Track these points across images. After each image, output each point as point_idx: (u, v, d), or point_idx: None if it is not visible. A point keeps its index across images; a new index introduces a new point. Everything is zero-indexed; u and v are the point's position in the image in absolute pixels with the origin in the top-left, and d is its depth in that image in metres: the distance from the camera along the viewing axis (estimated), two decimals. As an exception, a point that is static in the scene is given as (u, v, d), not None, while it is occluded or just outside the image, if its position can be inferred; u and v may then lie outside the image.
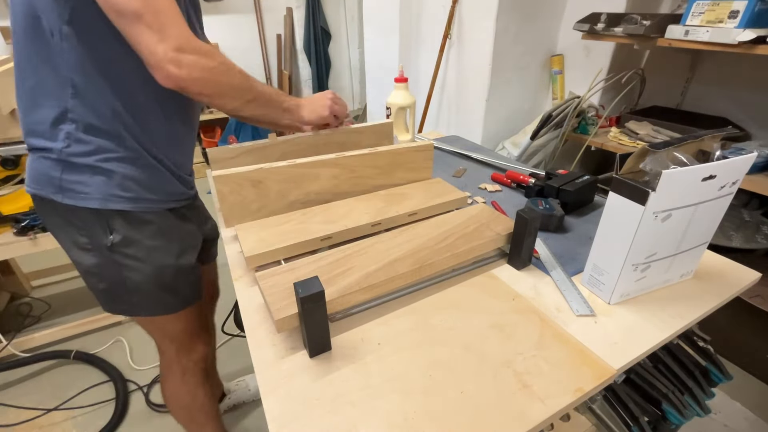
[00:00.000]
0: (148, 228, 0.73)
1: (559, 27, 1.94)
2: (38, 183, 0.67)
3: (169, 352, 0.90)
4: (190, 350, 0.92)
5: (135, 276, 0.74)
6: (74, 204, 0.66)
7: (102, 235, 0.69)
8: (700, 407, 0.63)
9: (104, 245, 0.70)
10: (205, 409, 1.02)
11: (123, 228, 0.70)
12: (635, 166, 0.55)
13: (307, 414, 0.45)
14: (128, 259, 0.72)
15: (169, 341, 0.89)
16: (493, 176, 1.02)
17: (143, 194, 0.70)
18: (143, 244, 0.72)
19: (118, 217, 0.69)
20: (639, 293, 0.62)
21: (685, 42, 1.31)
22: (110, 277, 0.73)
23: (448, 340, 0.54)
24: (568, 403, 0.46)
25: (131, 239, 0.71)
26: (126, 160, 0.67)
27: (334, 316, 0.58)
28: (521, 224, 0.64)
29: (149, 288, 0.76)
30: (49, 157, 0.65)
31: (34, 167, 0.67)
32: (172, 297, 0.80)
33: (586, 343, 0.53)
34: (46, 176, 0.66)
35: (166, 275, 0.77)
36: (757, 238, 1.37)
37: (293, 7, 3.43)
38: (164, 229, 0.75)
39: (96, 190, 0.66)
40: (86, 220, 0.68)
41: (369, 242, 0.66)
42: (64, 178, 0.65)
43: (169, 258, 0.76)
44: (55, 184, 0.66)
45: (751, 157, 0.53)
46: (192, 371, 0.94)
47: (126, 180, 0.68)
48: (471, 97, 1.99)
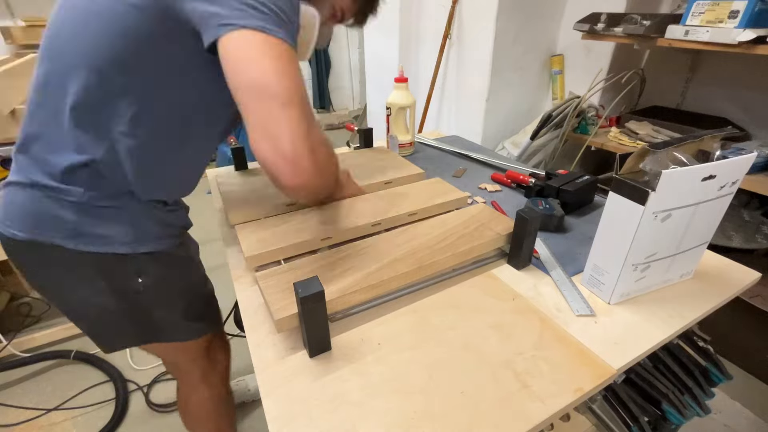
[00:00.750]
0: (175, 263, 0.71)
1: (559, 27, 1.94)
2: (39, 227, 0.58)
3: (195, 373, 0.87)
4: (215, 363, 0.90)
5: (164, 314, 0.72)
6: (95, 251, 0.60)
7: (127, 280, 0.64)
8: (700, 407, 0.63)
9: (130, 290, 0.65)
10: (230, 414, 1.01)
11: (153, 269, 0.66)
12: (635, 166, 0.55)
13: (307, 414, 0.45)
14: (157, 299, 0.69)
15: (194, 362, 0.86)
16: (493, 176, 1.02)
17: (166, 231, 0.68)
18: (173, 282, 0.71)
19: (146, 259, 0.65)
20: (639, 293, 0.62)
21: (685, 42, 1.31)
22: (135, 317, 0.69)
23: (448, 340, 0.54)
24: (568, 403, 0.46)
25: (162, 279, 0.68)
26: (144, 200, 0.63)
27: (334, 316, 0.58)
28: (521, 224, 0.64)
29: (179, 321, 0.74)
30: (62, 200, 0.57)
31: (33, 209, 0.58)
32: (202, 323, 0.80)
33: (586, 343, 0.53)
34: (52, 220, 0.58)
35: (195, 307, 0.76)
36: (757, 238, 1.37)
37: (293, 7, 3.42)
38: (186, 259, 0.74)
39: (122, 234, 0.61)
40: (105, 266, 0.62)
41: (369, 242, 0.66)
42: (82, 221, 0.58)
43: (197, 288, 0.76)
44: (68, 228, 0.58)
45: (751, 157, 0.53)
46: (218, 385, 0.92)
47: (150, 218, 0.64)
48: (471, 97, 1.99)
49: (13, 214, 0.59)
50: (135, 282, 0.65)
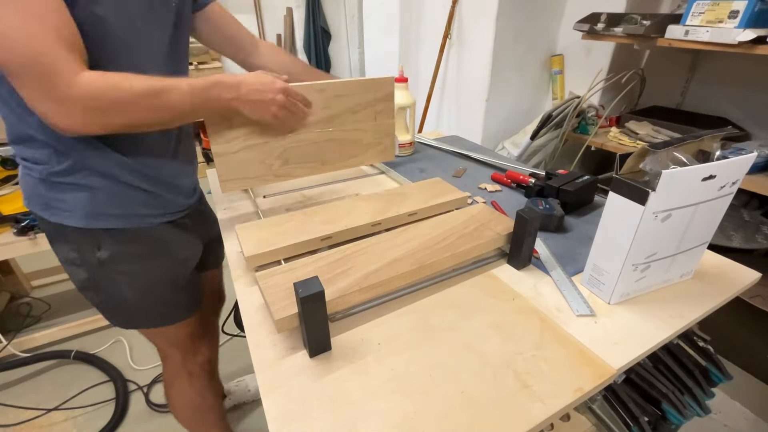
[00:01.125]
0: (140, 244, 0.71)
1: (559, 27, 1.94)
2: (28, 199, 0.66)
3: (174, 357, 0.89)
4: (196, 353, 0.91)
5: (130, 291, 0.72)
6: (60, 222, 0.65)
7: (90, 252, 0.68)
8: (700, 407, 0.63)
9: (94, 261, 0.68)
10: (215, 410, 1.02)
11: (111, 245, 0.68)
12: (635, 166, 0.55)
13: (307, 414, 0.45)
14: (121, 275, 0.70)
15: (173, 347, 0.88)
16: (493, 176, 1.02)
17: (133, 210, 0.68)
18: (136, 261, 0.71)
19: (104, 235, 0.67)
20: (639, 293, 0.62)
21: (685, 42, 1.31)
22: (105, 291, 0.72)
23: (448, 340, 0.54)
24: (568, 403, 0.46)
25: (121, 256, 0.69)
26: (109, 176, 0.64)
27: (334, 316, 0.58)
28: (521, 224, 0.64)
29: (147, 302, 0.75)
30: (32, 176, 0.63)
31: (23, 182, 0.65)
32: (171, 309, 0.80)
33: (586, 343, 0.53)
34: (34, 193, 0.64)
35: (163, 290, 0.76)
36: (757, 238, 1.37)
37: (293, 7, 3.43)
38: (160, 244, 0.73)
39: (79, 208, 0.64)
40: (73, 236, 0.66)
41: (369, 242, 0.66)
42: (50, 195, 0.63)
43: (166, 273, 0.75)
44: (42, 201, 0.64)
45: (751, 157, 0.53)
46: (198, 374, 0.93)
47: (111, 197, 0.65)
48: (471, 97, 1.99)
49: (21, 189, 0.67)
50: (95, 254, 0.67)
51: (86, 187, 0.63)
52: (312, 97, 0.78)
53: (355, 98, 0.83)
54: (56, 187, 0.63)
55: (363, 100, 0.85)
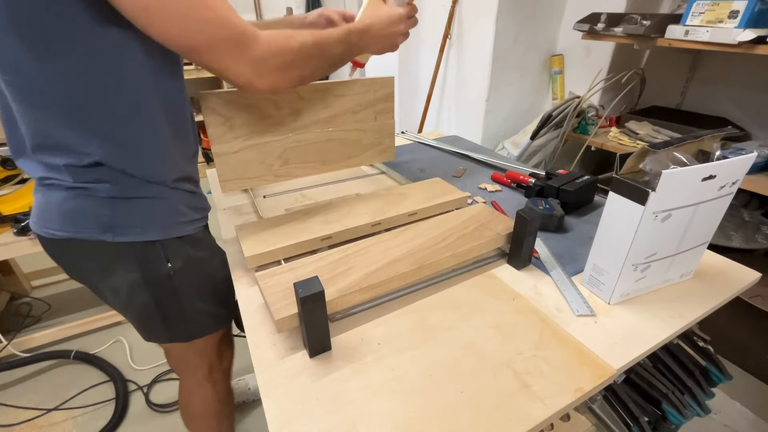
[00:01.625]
0: (201, 247, 0.71)
1: (559, 27, 1.94)
2: (77, 225, 0.59)
3: (202, 369, 0.86)
4: (221, 359, 0.89)
5: (194, 300, 0.72)
6: (128, 241, 0.61)
7: (159, 267, 0.65)
8: (700, 407, 0.63)
9: (162, 277, 0.66)
10: (231, 415, 1.00)
11: (181, 253, 0.67)
12: (635, 166, 0.55)
13: (307, 414, 0.45)
14: (186, 286, 0.69)
15: (204, 357, 0.84)
16: (493, 176, 1.02)
17: (191, 214, 0.68)
18: (201, 265, 0.71)
19: (175, 244, 0.65)
20: (639, 293, 0.62)
21: (685, 42, 1.31)
22: (168, 308, 0.70)
23: (448, 340, 0.54)
24: (568, 403, 0.46)
25: (190, 262, 0.68)
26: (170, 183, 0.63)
27: (334, 316, 0.58)
28: (521, 224, 0.64)
29: (208, 307, 0.74)
30: (93, 196, 0.58)
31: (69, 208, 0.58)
32: (224, 308, 0.79)
33: (586, 343, 0.53)
34: (89, 216, 0.59)
35: (221, 288, 0.75)
36: (757, 238, 1.37)
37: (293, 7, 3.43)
38: (212, 244, 0.75)
39: (154, 221, 0.62)
40: (141, 254, 0.63)
41: (369, 242, 0.66)
42: (118, 214, 0.59)
43: (221, 270, 0.74)
44: (104, 222, 0.59)
45: (751, 157, 0.53)
46: (222, 381, 0.91)
47: (177, 203, 0.65)
48: (471, 97, 1.99)
49: (50, 215, 0.60)
50: (165, 267, 0.65)
51: (157, 198, 0.62)
52: (312, 97, 0.78)
53: (355, 98, 0.83)
54: (127, 204, 0.60)
55: (363, 100, 0.85)
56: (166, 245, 0.65)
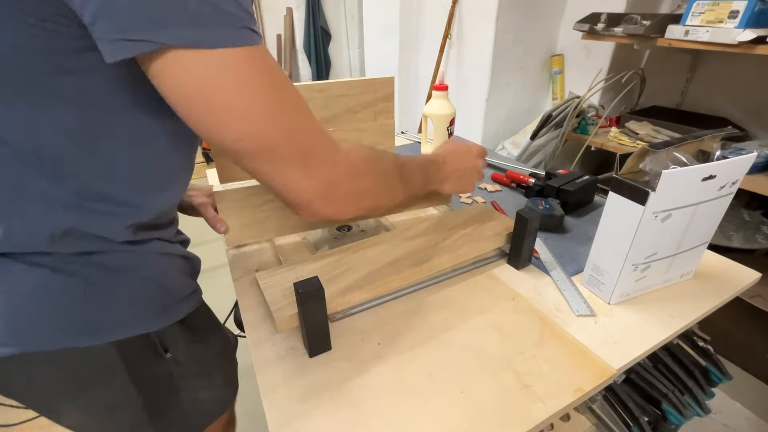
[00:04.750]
0: (202, 323, 0.56)
1: (559, 27, 1.94)
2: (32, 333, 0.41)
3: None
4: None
5: (198, 390, 0.56)
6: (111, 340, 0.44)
7: (152, 362, 0.49)
8: (700, 407, 0.63)
9: (160, 373, 0.50)
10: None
11: (180, 338, 0.51)
12: (635, 166, 0.55)
13: (307, 414, 0.45)
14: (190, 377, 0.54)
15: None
16: (493, 176, 1.02)
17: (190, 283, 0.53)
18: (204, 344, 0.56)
19: (173, 329, 0.50)
20: (639, 293, 0.62)
21: (685, 42, 1.31)
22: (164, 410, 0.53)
23: (448, 340, 0.54)
24: (568, 403, 0.46)
25: (193, 346, 0.53)
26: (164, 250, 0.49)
27: (334, 316, 0.58)
28: (521, 224, 0.64)
29: (213, 393, 0.60)
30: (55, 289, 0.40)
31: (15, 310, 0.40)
32: (232, 387, 0.64)
33: (586, 343, 0.53)
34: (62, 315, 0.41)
35: (229, 366, 0.62)
36: (757, 238, 1.37)
37: (293, 7, 3.43)
38: (211, 315, 0.60)
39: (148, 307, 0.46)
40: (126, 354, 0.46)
41: (369, 242, 0.66)
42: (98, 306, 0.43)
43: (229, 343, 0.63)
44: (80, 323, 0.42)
45: (751, 157, 0.53)
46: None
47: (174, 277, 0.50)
48: (471, 97, 1.99)
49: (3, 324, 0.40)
50: (161, 361, 0.50)
51: (150, 275, 0.47)
52: (312, 97, 0.78)
53: (355, 98, 0.83)
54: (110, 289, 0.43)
55: (363, 100, 0.85)
56: (163, 333, 0.49)
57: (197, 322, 0.54)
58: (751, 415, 1.27)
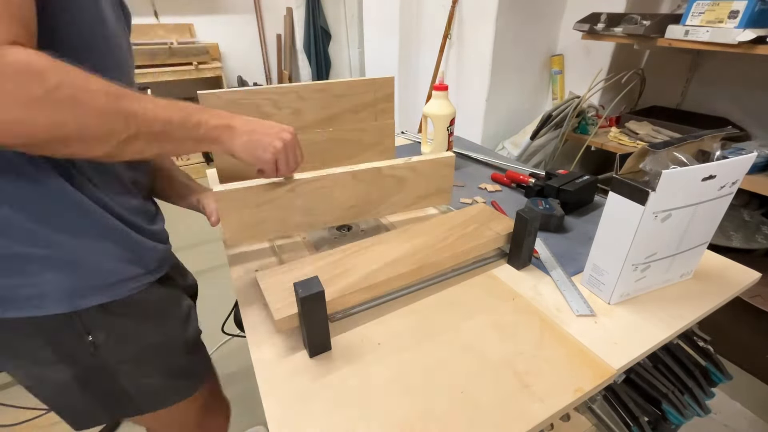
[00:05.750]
0: (137, 313, 0.56)
1: (559, 27, 1.94)
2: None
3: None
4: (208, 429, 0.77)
5: (134, 377, 0.58)
6: (24, 316, 0.47)
7: (76, 341, 0.51)
8: (700, 407, 0.63)
9: (83, 352, 0.52)
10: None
11: (104, 324, 0.52)
12: (635, 166, 0.55)
13: (307, 414, 0.45)
14: (121, 362, 0.56)
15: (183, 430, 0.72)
16: (493, 176, 1.02)
17: (120, 273, 0.52)
18: (136, 334, 0.57)
19: (94, 313, 0.51)
20: (639, 293, 0.62)
21: (685, 42, 1.31)
22: (97, 387, 0.57)
23: (448, 340, 0.54)
24: (568, 403, 0.46)
25: (120, 333, 0.54)
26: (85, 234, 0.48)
27: (334, 316, 0.58)
28: (521, 224, 0.64)
29: (157, 383, 0.61)
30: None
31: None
32: (186, 379, 0.66)
33: (586, 343, 0.53)
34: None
35: (174, 360, 0.63)
36: (757, 238, 1.37)
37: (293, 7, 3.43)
38: (157, 306, 0.60)
39: (57, 289, 0.48)
40: (47, 329, 0.50)
41: (369, 242, 0.66)
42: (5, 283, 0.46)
43: (174, 339, 0.62)
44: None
45: (751, 157, 0.53)
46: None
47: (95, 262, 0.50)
48: (471, 97, 1.99)
49: None
50: (85, 342, 0.52)
51: (62, 257, 0.47)
52: (312, 97, 0.78)
53: (355, 98, 0.83)
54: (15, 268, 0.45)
55: (363, 100, 0.85)
56: (81, 316, 0.51)
57: (128, 310, 0.55)
58: (751, 415, 1.27)
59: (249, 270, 0.68)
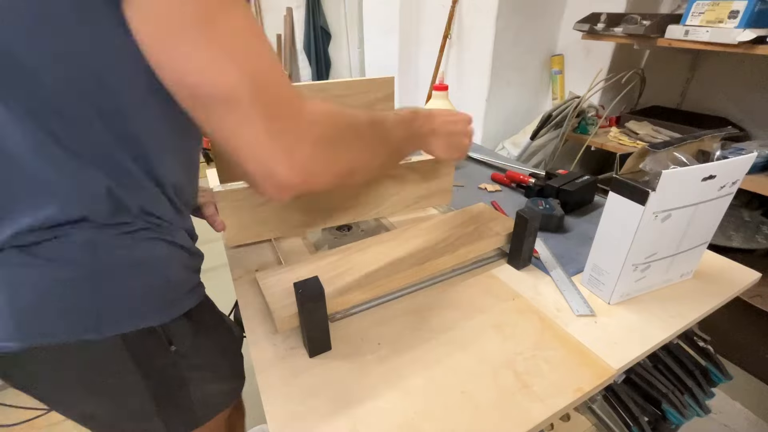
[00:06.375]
0: (205, 317, 0.55)
1: (559, 27, 1.94)
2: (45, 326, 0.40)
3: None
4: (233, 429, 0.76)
5: (205, 383, 0.56)
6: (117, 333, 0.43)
7: (159, 354, 0.48)
8: (700, 407, 0.63)
9: (162, 365, 0.50)
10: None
11: (186, 331, 0.50)
12: (635, 166, 0.55)
13: (307, 414, 0.45)
14: (196, 369, 0.53)
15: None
16: (493, 176, 1.02)
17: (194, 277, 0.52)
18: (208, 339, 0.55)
19: (178, 322, 0.49)
20: (639, 293, 0.62)
21: (685, 42, 1.31)
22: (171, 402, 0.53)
23: (448, 340, 0.54)
24: (568, 403, 0.46)
25: (198, 339, 0.52)
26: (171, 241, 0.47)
27: (334, 316, 0.58)
28: (521, 224, 0.64)
29: (221, 386, 0.60)
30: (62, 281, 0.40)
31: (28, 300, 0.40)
32: (238, 380, 0.64)
33: (586, 343, 0.53)
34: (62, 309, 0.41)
35: (234, 361, 0.62)
36: (757, 238, 1.37)
37: (293, 7, 3.43)
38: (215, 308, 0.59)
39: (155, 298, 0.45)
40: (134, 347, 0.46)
41: (369, 242, 0.66)
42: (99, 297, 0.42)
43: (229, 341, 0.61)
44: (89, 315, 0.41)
45: (751, 157, 0.53)
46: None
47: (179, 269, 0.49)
48: (471, 97, 1.99)
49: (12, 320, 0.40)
50: (166, 353, 0.49)
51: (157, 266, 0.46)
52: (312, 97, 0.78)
53: (355, 98, 0.83)
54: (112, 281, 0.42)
55: (363, 100, 0.85)
56: (168, 326, 0.48)
57: (201, 316, 0.53)
58: (751, 415, 1.27)
59: (249, 270, 0.68)
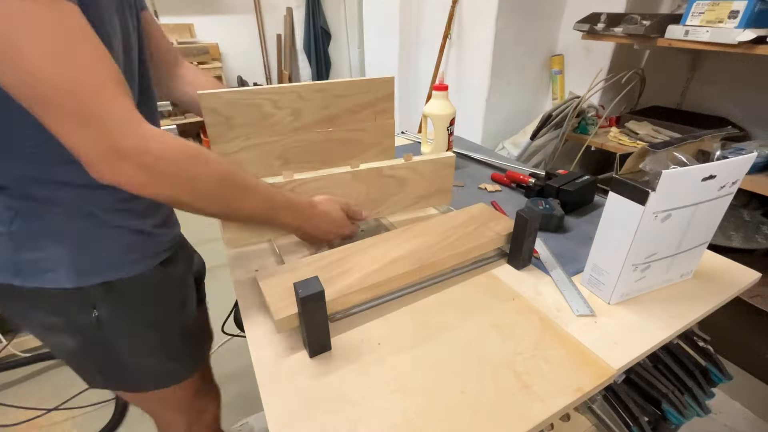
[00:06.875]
0: (139, 292, 0.61)
1: (559, 27, 1.94)
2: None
3: (178, 425, 0.78)
4: (202, 412, 0.81)
5: (132, 351, 0.63)
6: (38, 287, 0.53)
7: (81, 314, 0.57)
8: (700, 407, 0.63)
9: (87, 324, 0.57)
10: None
11: (109, 301, 0.57)
12: (635, 166, 0.55)
13: (307, 414, 0.45)
14: (120, 336, 0.61)
15: (177, 413, 0.76)
16: (493, 176, 1.02)
17: (126, 255, 0.58)
18: (137, 314, 0.62)
19: (100, 290, 0.56)
20: (639, 293, 0.62)
21: (685, 42, 1.31)
22: (99, 355, 0.62)
23: (448, 340, 0.54)
24: (568, 403, 0.46)
25: (122, 311, 0.59)
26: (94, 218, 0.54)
27: (334, 316, 0.58)
28: (521, 224, 0.64)
29: (153, 361, 0.66)
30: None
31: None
32: (180, 363, 0.70)
33: (586, 343, 0.53)
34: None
35: (170, 340, 0.67)
36: (757, 238, 1.37)
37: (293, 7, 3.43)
38: (158, 287, 0.64)
39: (66, 264, 0.53)
40: (57, 300, 0.55)
41: (369, 242, 0.66)
42: (21, 256, 0.52)
43: (170, 319, 0.66)
44: (9, 265, 0.52)
45: (751, 157, 0.53)
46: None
47: (100, 242, 0.55)
48: (471, 97, 1.99)
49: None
50: (90, 316, 0.57)
51: (70, 237, 0.53)
52: (312, 97, 0.78)
53: (355, 98, 0.83)
54: (29, 244, 0.51)
55: (363, 100, 0.85)
56: (88, 291, 0.56)
57: (129, 290, 0.59)
58: (751, 415, 1.27)
59: (249, 270, 0.68)
